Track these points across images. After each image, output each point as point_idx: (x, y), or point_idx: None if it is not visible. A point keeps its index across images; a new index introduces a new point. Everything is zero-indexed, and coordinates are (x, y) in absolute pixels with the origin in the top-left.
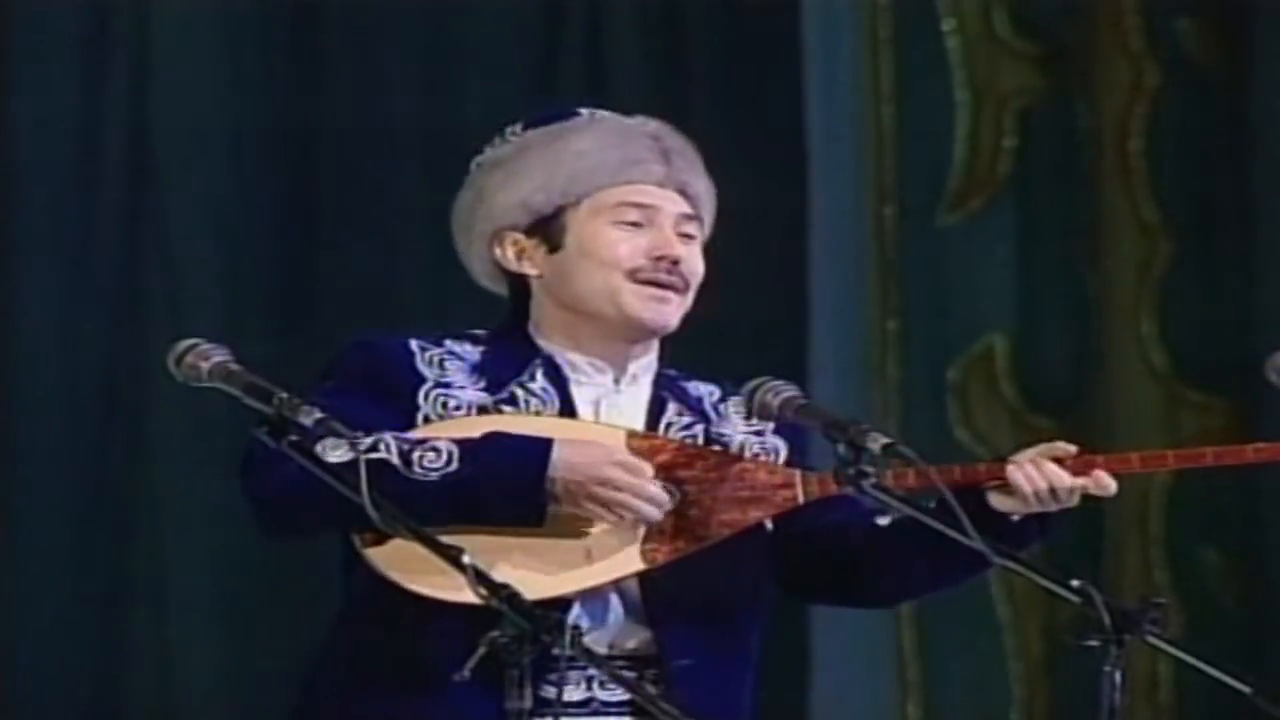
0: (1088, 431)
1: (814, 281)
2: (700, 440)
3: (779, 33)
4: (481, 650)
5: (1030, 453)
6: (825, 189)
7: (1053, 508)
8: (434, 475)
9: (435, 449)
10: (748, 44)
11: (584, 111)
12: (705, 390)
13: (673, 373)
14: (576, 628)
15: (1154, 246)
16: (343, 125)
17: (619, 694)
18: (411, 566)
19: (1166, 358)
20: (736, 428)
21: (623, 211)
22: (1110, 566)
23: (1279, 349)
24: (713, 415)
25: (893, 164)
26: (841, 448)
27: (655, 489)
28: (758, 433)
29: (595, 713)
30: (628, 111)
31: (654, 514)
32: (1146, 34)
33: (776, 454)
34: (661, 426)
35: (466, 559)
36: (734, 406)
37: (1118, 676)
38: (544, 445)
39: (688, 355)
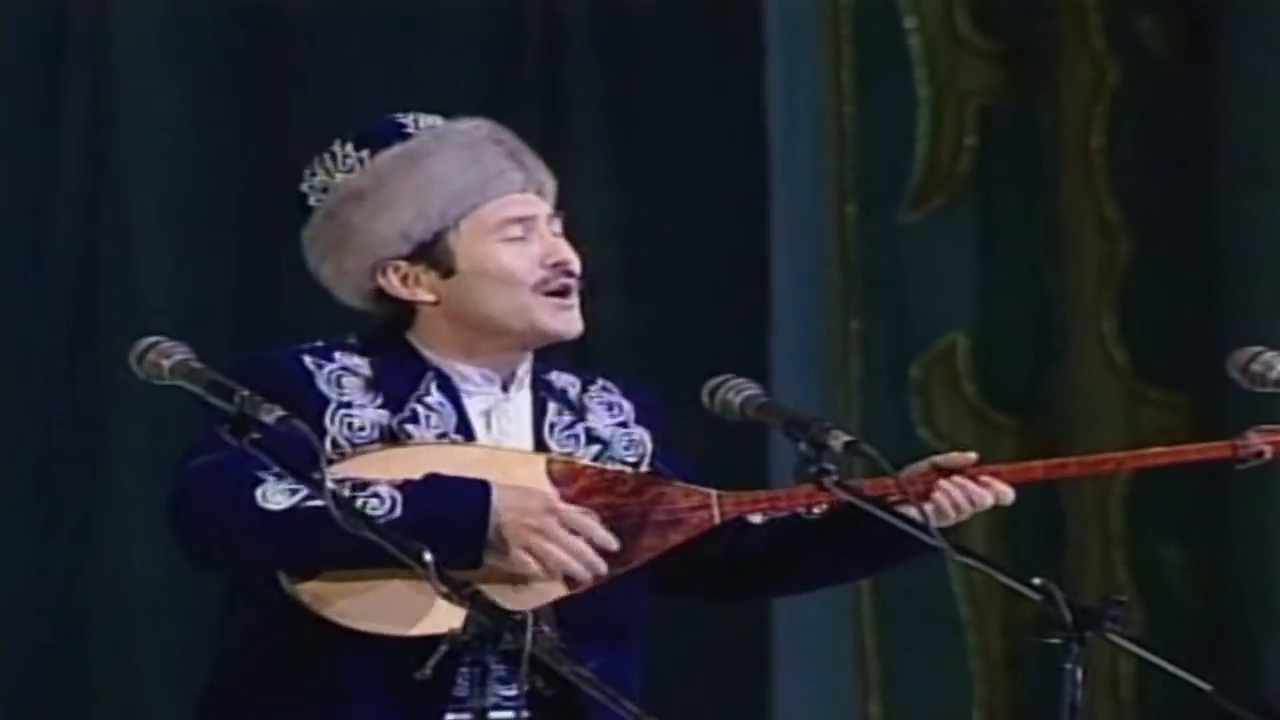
0: (1049, 429)
1: (775, 280)
2: (581, 438)
3: (740, 31)
4: (443, 649)
5: (923, 466)
6: (787, 187)
7: (953, 521)
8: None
9: (378, 495)
10: (708, 42)
11: (409, 123)
12: (568, 381)
13: (538, 365)
14: (538, 625)
15: (1115, 244)
16: (304, 132)
17: (514, 690)
18: (335, 600)
19: (1127, 355)
20: (604, 421)
21: (506, 229)
22: (1071, 565)
23: (1240, 346)
24: (581, 409)
25: (854, 162)
26: (803, 446)
27: (588, 551)
28: (622, 424)
29: (494, 708)
30: (587, 116)
31: (582, 574)
32: (1108, 31)
33: (643, 446)
34: (546, 428)
35: (428, 556)
36: (595, 397)
37: (1079, 674)
38: (483, 491)
39: (649, 354)
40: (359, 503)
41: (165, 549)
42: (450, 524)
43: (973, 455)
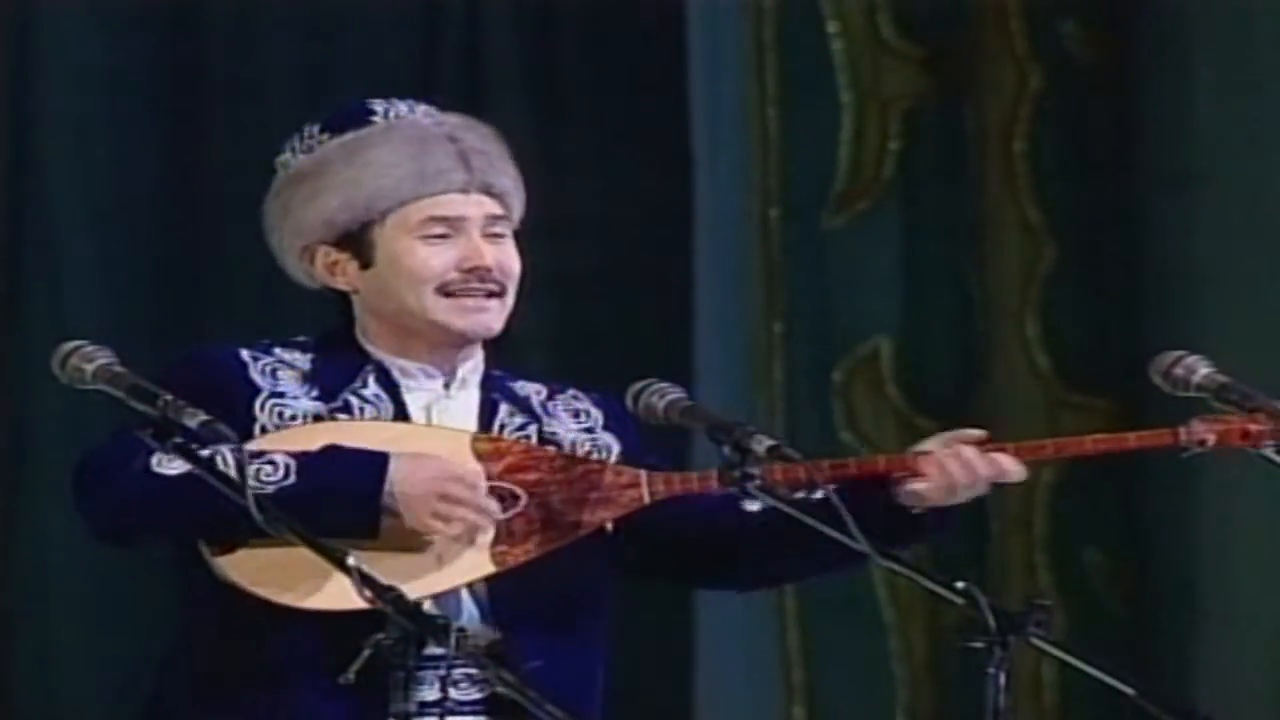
0: None
1: (699, 284)
2: (534, 440)
3: (663, 35)
4: (366, 653)
5: (935, 441)
6: (710, 191)
7: (966, 497)
8: (269, 489)
9: (272, 462)
10: (632, 46)
11: (379, 110)
12: (532, 389)
13: (498, 373)
14: (462, 629)
15: (1038, 248)
16: (226, 119)
17: (472, 694)
18: (261, 575)
19: (1050, 359)
20: (567, 426)
21: (429, 227)
22: (994, 568)
23: (1162, 351)
24: (542, 414)
25: (778, 166)
26: (726, 450)
27: (488, 502)
28: (588, 430)
29: (449, 712)
30: (507, 119)
31: (487, 525)
32: (1031, 36)
33: (608, 451)
34: (495, 428)
35: (351, 560)
36: (562, 404)
37: (1002, 678)
38: (380, 460)
39: (572, 357)
40: (252, 469)
41: (88, 551)
42: (343, 492)
43: (980, 432)
